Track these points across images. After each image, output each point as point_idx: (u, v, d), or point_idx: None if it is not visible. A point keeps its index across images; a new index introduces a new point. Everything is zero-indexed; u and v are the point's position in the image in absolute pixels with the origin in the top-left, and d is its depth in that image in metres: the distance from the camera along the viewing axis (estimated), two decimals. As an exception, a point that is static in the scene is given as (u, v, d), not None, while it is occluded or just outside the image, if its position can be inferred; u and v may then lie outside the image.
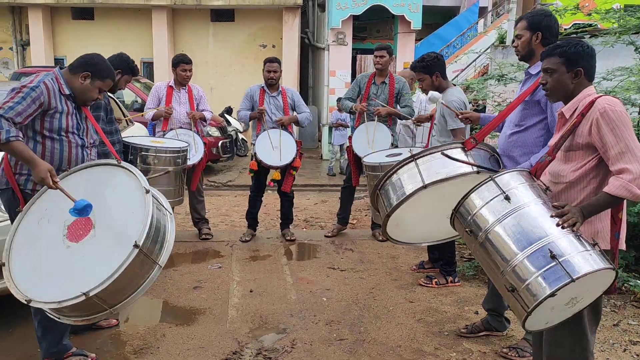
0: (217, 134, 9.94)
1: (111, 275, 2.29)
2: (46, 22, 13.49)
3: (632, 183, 2.07)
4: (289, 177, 5.33)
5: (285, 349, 3.28)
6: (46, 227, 2.58)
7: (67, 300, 2.30)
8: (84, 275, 2.35)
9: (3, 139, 2.55)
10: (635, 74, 4.50)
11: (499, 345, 3.34)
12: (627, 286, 4.01)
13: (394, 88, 5.29)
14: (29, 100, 2.66)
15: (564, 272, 1.93)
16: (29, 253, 2.54)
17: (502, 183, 2.24)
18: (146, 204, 2.44)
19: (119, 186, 2.68)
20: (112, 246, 2.43)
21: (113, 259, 2.34)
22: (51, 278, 2.43)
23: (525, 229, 2.09)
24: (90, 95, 2.90)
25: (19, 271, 2.49)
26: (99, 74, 2.88)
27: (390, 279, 4.50)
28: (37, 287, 2.41)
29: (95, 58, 2.92)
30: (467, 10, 14.58)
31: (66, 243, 2.49)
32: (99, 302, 2.36)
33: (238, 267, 4.72)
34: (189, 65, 5.16)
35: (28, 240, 2.58)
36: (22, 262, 2.51)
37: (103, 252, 2.42)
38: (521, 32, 2.96)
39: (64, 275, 2.42)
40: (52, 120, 2.79)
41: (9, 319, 3.57)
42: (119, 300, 2.44)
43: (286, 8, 13.24)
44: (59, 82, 2.82)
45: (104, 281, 2.28)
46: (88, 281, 2.31)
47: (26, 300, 2.36)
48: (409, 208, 2.63)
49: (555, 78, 2.31)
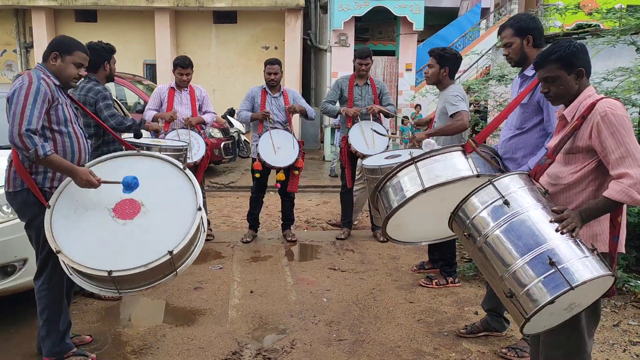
0: (220, 135, 9.96)
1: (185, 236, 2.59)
2: (49, 25, 13.57)
3: (632, 188, 2.05)
4: (294, 178, 5.36)
5: (284, 350, 3.29)
6: (89, 214, 2.69)
7: (154, 262, 2.51)
8: (156, 243, 2.57)
9: (42, 154, 2.61)
10: (635, 74, 4.49)
11: (498, 345, 3.34)
12: (628, 287, 4.01)
13: (376, 88, 5.39)
14: (39, 101, 2.69)
15: (563, 280, 1.92)
16: (84, 237, 2.63)
17: (501, 187, 2.22)
18: (194, 221, 2.66)
19: (168, 182, 2.84)
20: (169, 220, 2.69)
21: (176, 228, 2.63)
22: (124, 250, 2.57)
23: (524, 235, 2.08)
24: (69, 73, 2.89)
25: (82, 254, 2.56)
26: (65, 49, 2.87)
27: (391, 279, 4.50)
28: (111, 260, 2.52)
29: (57, 38, 2.97)
30: (469, 12, 14.58)
31: (120, 222, 2.66)
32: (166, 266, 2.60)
33: (239, 268, 4.73)
34: (186, 69, 5.16)
35: (73, 227, 2.65)
36: (81, 245, 2.60)
37: (162, 223, 2.68)
38: (510, 40, 2.97)
39: (135, 246, 2.59)
40: (57, 112, 2.82)
41: (9, 319, 3.59)
42: (132, 286, 2.67)
43: (288, 10, 13.27)
44: (47, 75, 2.84)
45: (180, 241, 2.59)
46: (162, 245, 2.55)
47: (108, 272, 2.47)
48: (409, 209, 2.63)
49: (558, 84, 2.27)
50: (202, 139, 5.15)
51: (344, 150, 5.34)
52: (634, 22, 4.86)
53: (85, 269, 2.51)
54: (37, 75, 2.78)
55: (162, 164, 2.90)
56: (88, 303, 3.90)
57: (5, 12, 14.01)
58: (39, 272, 2.94)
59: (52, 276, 2.91)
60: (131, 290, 2.71)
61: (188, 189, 2.79)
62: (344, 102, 5.41)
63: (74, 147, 2.91)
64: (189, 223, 2.66)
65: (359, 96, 5.35)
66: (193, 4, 13.18)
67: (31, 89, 2.69)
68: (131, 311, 3.87)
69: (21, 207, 2.89)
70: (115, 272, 2.47)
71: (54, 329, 2.95)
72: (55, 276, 2.91)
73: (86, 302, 3.91)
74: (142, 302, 4.02)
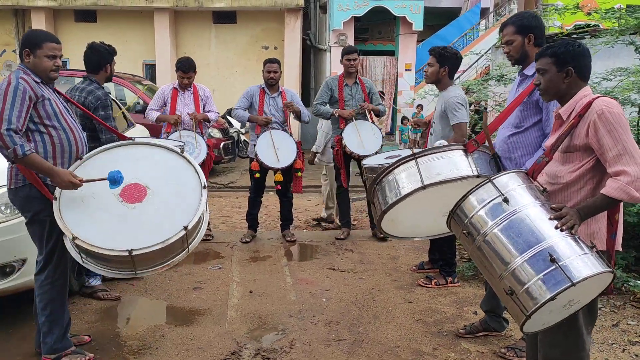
0: (219, 135, 9.97)
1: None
2: (49, 25, 13.57)
3: (629, 185, 2.06)
4: (297, 180, 5.37)
5: (283, 350, 3.29)
6: (97, 202, 2.73)
7: (172, 237, 2.61)
8: (169, 221, 2.67)
9: (20, 154, 2.61)
10: (633, 74, 4.49)
11: (497, 345, 3.34)
12: (627, 286, 4.01)
13: (365, 87, 5.40)
14: (19, 100, 2.68)
15: (564, 276, 1.92)
16: (96, 223, 2.68)
17: (500, 185, 2.23)
18: (202, 198, 2.78)
19: (168, 165, 2.93)
20: (176, 200, 2.78)
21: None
22: (139, 231, 2.65)
23: (524, 232, 2.08)
24: (44, 67, 2.85)
25: (98, 238, 2.60)
26: (33, 43, 2.84)
27: (390, 279, 4.50)
28: (128, 241, 2.58)
29: (25, 34, 2.95)
30: (468, 12, 14.59)
31: (130, 205, 2.73)
32: None
33: (238, 268, 4.73)
34: (187, 74, 5.15)
35: (84, 215, 2.70)
36: (95, 230, 2.64)
37: (171, 203, 2.78)
38: (511, 37, 2.96)
39: (149, 225, 2.67)
40: (45, 107, 2.82)
41: (8, 319, 3.59)
42: (148, 265, 2.75)
43: (288, 10, 13.27)
44: (27, 73, 2.82)
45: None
46: (174, 223, 2.65)
47: (129, 251, 2.53)
48: (406, 205, 2.63)
49: (546, 78, 2.31)
50: (204, 142, 5.14)
51: (338, 151, 5.32)
52: (632, 22, 4.86)
53: (105, 250, 2.56)
54: (17, 75, 2.77)
55: (160, 150, 2.98)
56: (87, 303, 3.90)
57: (4, 12, 14.01)
58: (43, 266, 2.94)
59: (57, 269, 2.93)
60: (147, 270, 2.78)
61: (189, 169, 2.88)
62: (335, 102, 5.40)
63: (70, 139, 2.93)
64: (197, 200, 2.76)
65: (349, 96, 5.35)
66: (192, 4, 13.18)
67: (9, 89, 2.69)
68: (130, 311, 3.87)
69: (24, 202, 2.88)
70: (136, 251, 2.54)
71: (57, 324, 2.96)
72: (60, 269, 2.94)
73: (85, 303, 3.91)
74: (141, 303, 4.01)
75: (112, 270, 2.80)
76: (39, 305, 2.97)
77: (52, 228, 2.82)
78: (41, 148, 2.84)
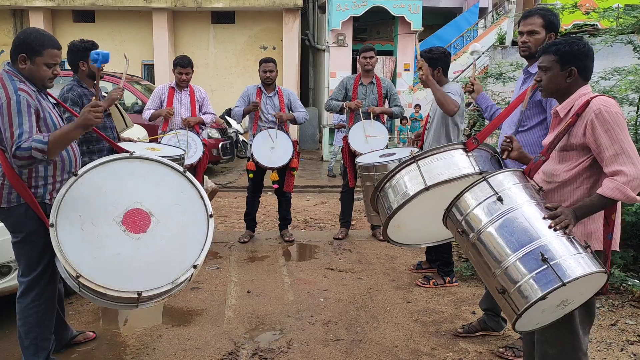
0: (217, 135, 9.95)
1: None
2: (47, 25, 13.53)
3: (626, 185, 2.05)
4: (290, 178, 5.36)
5: (281, 350, 3.28)
6: (98, 230, 2.49)
7: (180, 277, 2.48)
8: (176, 256, 2.52)
9: (44, 148, 2.39)
10: (631, 73, 4.49)
11: (496, 345, 3.34)
12: (625, 286, 4.00)
13: (382, 88, 5.37)
14: (24, 110, 2.47)
15: (555, 276, 1.91)
16: (98, 256, 2.45)
17: (495, 183, 2.22)
18: (209, 229, 2.60)
19: (170, 187, 2.69)
20: (182, 230, 2.59)
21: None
22: (145, 267, 2.47)
23: (517, 231, 2.07)
24: (42, 76, 2.61)
25: (103, 275, 2.41)
26: (32, 49, 2.56)
27: (388, 279, 4.49)
28: (134, 279, 2.43)
29: (22, 35, 2.61)
30: (467, 11, 14.59)
31: (134, 236, 2.51)
32: None
33: (236, 268, 4.72)
34: (185, 69, 5.13)
35: (84, 246, 2.45)
36: (99, 265, 2.43)
37: (177, 234, 2.58)
38: (537, 28, 2.88)
39: (155, 261, 2.50)
40: (45, 121, 2.62)
41: (4, 320, 3.57)
42: (152, 300, 2.58)
43: (286, 10, 13.26)
44: (22, 81, 2.58)
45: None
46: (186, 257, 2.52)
47: (138, 293, 2.37)
48: (410, 209, 2.60)
49: (548, 76, 2.29)
50: (199, 140, 5.13)
51: (345, 149, 5.35)
52: (631, 21, 4.85)
53: (113, 292, 2.38)
54: (14, 86, 2.51)
55: (161, 167, 2.72)
56: (84, 304, 3.89)
57: (2, 13, 13.98)
58: (27, 289, 2.70)
59: (43, 294, 2.73)
60: (149, 302, 2.61)
61: (193, 193, 2.67)
62: (348, 101, 5.40)
63: (70, 155, 2.78)
64: (204, 231, 2.59)
65: (363, 95, 5.34)
66: (191, 4, 13.16)
67: (11, 105, 2.45)
68: (128, 312, 3.86)
69: (16, 221, 2.65)
70: (145, 292, 2.39)
71: (43, 348, 2.76)
72: (47, 294, 2.73)
73: (82, 303, 3.89)
74: (138, 303, 4.00)
75: (112, 303, 2.60)
76: (22, 329, 2.75)
77: (44, 250, 2.62)
78: (41, 166, 2.65)
